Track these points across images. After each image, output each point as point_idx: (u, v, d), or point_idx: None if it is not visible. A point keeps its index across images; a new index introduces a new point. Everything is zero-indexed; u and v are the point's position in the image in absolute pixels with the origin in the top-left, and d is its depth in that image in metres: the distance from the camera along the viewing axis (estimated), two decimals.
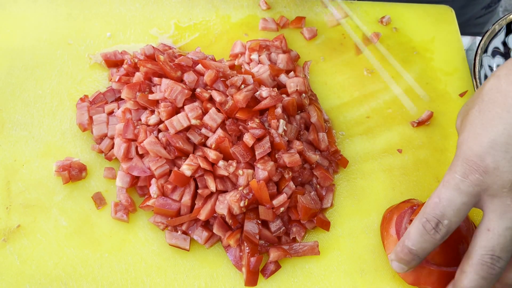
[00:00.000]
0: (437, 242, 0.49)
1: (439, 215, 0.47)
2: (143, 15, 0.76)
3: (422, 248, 0.49)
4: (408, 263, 0.51)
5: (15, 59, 0.71)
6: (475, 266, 0.46)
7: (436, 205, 0.48)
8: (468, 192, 0.47)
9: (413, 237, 0.49)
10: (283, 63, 0.69)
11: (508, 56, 0.76)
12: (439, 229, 0.48)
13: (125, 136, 0.60)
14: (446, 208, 0.47)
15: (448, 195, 0.47)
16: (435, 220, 0.48)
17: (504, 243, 0.45)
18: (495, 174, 0.46)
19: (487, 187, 0.46)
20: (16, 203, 0.61)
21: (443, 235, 0.48)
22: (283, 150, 0.59)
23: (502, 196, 0.46)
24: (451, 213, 0.47)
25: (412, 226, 0.50)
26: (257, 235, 0.57)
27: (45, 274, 0.57)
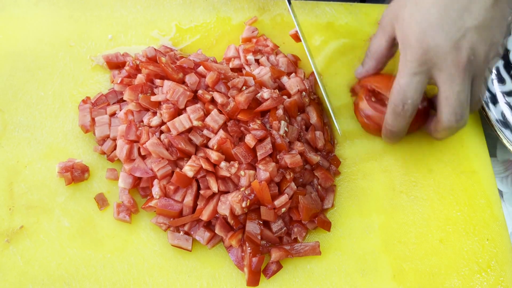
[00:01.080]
0: (408, 118, 0.59)
1: (403, 98, 0.57)
2: (145, 17, 0.76)
3: (399, 127, 0.61)
4: (394, 139, 0.64)
5: (17, 61, 0.71)
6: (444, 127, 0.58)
7: (398, 91, 0.57)
8: (419, 71, 0.56)
9: (390, 121, 0.60)
10: (284, 66, 0.70)
11: (506, 57, 0.76)
12: (406, 108, 0.58)
13: (127, 138, 0.61)
14: (406, 92, 0.57)
15: (405, 80, 0.57)
16: (401, 103, 0.58)
17: (460, 103, 0.56)
18: (436, 51, 0.54)
19: (434, 63, 0.55)
20: (19, 204, 0.61)
21: (411, 112, 0.58)
22: (285, 151, 0.60)
23: (447, 68, 0.54)
24: (412, 93, 0.57)
25: (387, 113, 0.60)
26: (258, 236, 0.58)
27: (48, 274, 0.58)
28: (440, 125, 0.59)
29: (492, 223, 0.65)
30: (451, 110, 0.56)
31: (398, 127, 0.61)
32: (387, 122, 0.61)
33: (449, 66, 0.54)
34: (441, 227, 0.64)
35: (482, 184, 0.67)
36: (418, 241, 0.63)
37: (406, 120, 0.60)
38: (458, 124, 0.57)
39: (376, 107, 0.65)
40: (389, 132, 0.62)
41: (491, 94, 0.73)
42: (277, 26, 0.78)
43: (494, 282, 0.61)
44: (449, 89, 0.55)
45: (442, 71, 0.55)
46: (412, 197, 0.66)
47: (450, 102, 0.56)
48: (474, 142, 0.70)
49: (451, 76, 0.55)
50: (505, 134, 0.69)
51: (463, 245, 0.63)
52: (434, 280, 0.61)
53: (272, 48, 0.72)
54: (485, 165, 0.69)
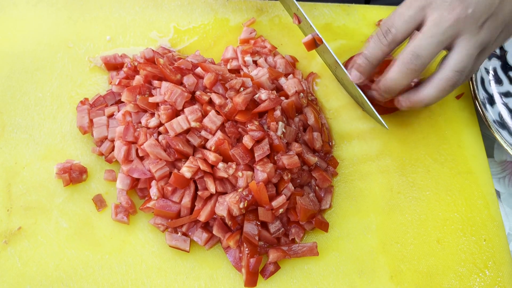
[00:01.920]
0: (385, 48, 0.60)
1: (389, 24, 0.59)
2: (143, 19, 0.76)
3: (374, 54, 0.61)
4: (363, 69, 0.63)
5: (16, 62, 0.71)
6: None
7: (388, 18, 0.60)
8: (415, 6, 0.58)
9: (369, 45, 0.62)
10: (282, 67, 0.70)
11: (504, 58, 0.77)
12: (387, 35, 0.59)
13: (125, 139, 0.61)
14: (395, 19, 0.59)
15: (400, 10, 0.59)
16: (385, 28, 0.59)
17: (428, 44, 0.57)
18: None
19: (431, 2, 0.57)
20: (17, 205, 0.61)
21: (390, 41, 0.59)
22: (282, 152, 0.60)
23: (442, 8, 0.56)
24: (399, 23, 0.58)
25: (369, 42, 0.61)
26: (256, 236, 0.58)
27: (46, 275, 0.58)
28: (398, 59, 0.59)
29: (489, 224, 0.65)
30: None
31: (373, 54, 0.61)
32: (366, 47, 0.62)
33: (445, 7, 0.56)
34: (438, 227, 0.64)
35: (479, 184, 0.68)
36: (416, 242, 0.63)
37: (382, 49, 0.60)
38: (457, 81, 0.58)
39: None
40: (363, 58, 0.62)
41: (488, 95, 0.74)
42: (275, 28, 0.78)
43: (491, 282, 0.61)
44: (429, 28, 0.57)
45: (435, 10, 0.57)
46: (409, 198, 0.66)
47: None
48: (471, 143, 0.71)
49: (440, 17, 0.56)
50: (502, 135, 0.69)
51: (460, 246, 0.63)
52: (431, 280, 0.61)
53: (270, 49, 0.73)
54: (482, 166, 0.69)
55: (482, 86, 0.74)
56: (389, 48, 0.60)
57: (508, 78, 0.76)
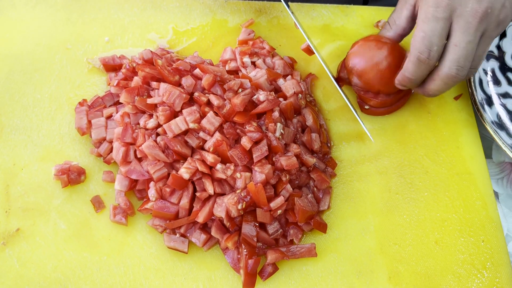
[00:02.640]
0: (431, 66, 0.60)
1: (428, 45, 0.58)
2: (141, 20, 0.76)
3: (420, 75, 0.61)
4: (410, 86, 0.64)
5: (14, 64, 0.71)
6: (444, 75, 0.59)
7: (423, 38, 0.58)
8: (443, 17, 0.57)
9: (411, 69, 0.60)
10: (281, 68, 0.70)
11: (502, 59, 0.77)
12: (431, 56, 0.58)
13: (123, 140, 0.61)
14: (432, 38, 0.58)
15: (430, 26, 0.58)
16: (427, 51, 0.58)
17: (466, 53, 0.57)
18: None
19: (455, 8, 0.57)
20: (15, 206, 0.61)
21: (435, 60, 0.59)
22: (280, 153, 0.60)
23: (465, 14, 0.57)
24: (437, 40, 0.58)
25: (408, 62, 0.60)
26: (254, 238, 0.58)
27: (44, 277, 0.58)
28: (439, 73, 0.59)
29: (487, 225, 0.65)
30: (456, 58, 0.58)
31: (419, 75, 0.61)
32: (407, 71, 0.61)
33: (468, 13, 0.57)
34: (436, 228, 0.64)
35: (478, 185, 0.68)
36: (414, 243, 0.63)
37: (429, 68, 0.60)
38: (457, 75, 0.58)
39: None
40: (407, 80, 0.62)
41: (487, 96, 0.74)
42: (273, 29, 0.78)
43: (489, 283, 0.61)
44: (460, 36, 0.57)
45: (461, 17, 0.57)
46: (407, 199, 0.66)
47: (458, 49, 0.57)
48: (469, 144, 0.71)
49: (467, 24, 0.57)
50: (501, 136, 0.69)
51: (458, 247, 0.63)
52: (429, 281, 0.61)
53: (269, 51, 0.73)
54: (480, 167, 0.69)
55: (480, 87, 0.74)
56: (433, 67, 0.61)
57: (506, 79, 0.76)
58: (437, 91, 0.62)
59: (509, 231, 0.67)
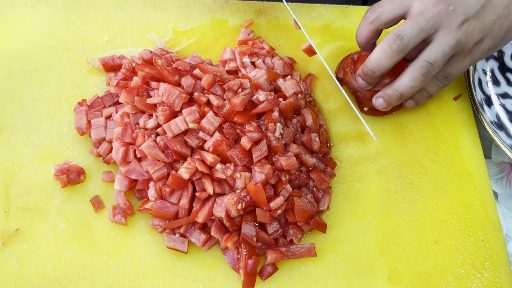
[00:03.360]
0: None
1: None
2: (141, 20, 0.76)
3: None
4: (368, 79, 0.65)
5: (14, 64, 0.71)
6: (416, 67, 0.61)
7: (397, 29, 0.60)
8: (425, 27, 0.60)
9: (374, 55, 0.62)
10: (280, 68, 0.70)
11: (501, 59, 0.77)
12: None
13: (123, 140, 0.61)
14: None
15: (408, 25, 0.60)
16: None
17: (442, 56, 0.60)
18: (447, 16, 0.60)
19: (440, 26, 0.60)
20: (14, 206, 0.61)
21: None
22: (280, 153, 0.60)
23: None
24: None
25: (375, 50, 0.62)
26: (254, 238, 0.58)
27: (43, 277, 0.58)
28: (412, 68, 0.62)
29: (487, 225, 0.65)
30: (431, 59, 0.60)
31: (379, 64, 0.62)
32: (370, 59, 0.62)
33: (449, 34, 0.60)
34: (436, 228, 0.64)
35: (477, 185, 0.68)
36: (413, 243, 0.63)
37: (392, 59, 0.61)
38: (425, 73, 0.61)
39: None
40: (367, 70, 0.63)
41: (486, 96, 0.74)
42: (273, 29, 0.78)
43: (489, 283, 0.61)
44: (440, 46, 0.60)
45: (441, 33, 0.60)
46: (407, 199, 0.66)
47: (434, 53, 0.60)
48: (469, 144, 0.71)
49: (447, 40, 0.60)
50: (500, 136, 0.69)
51: (458, 247, 0.63)
52: (429, 281, 0.61)
53: (268, 51, 0.73)
54: (480, 167, 0.69)
55: (479, 87, 0.74)
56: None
57: (505, 79, 0.76)
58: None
59: (508, 231, 0.68)
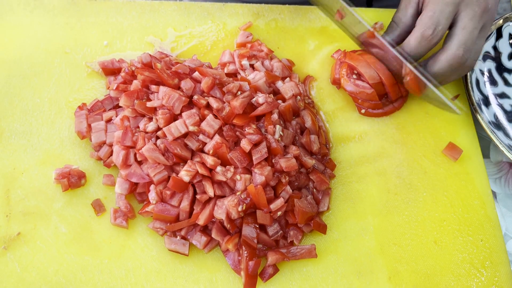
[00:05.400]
0: (432, 45, 0.63)
1: (435, 23, 0.62)
2: (140, 23, 0.77)
3: (420, 52, 0.64)
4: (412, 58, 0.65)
5: (13, 68, 0.71)
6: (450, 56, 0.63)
7: (431, 17, 0.62)
8: (452, 2, 0.62)
9: (413, 44, 0.63)
10: (279, 71, 0.70)
11: (498, 60, 0.77)
12: (435, 34, 0.63)
13: (123, 143, 0.61)
14: (439, 17, 0.62)
15: (440, 7, 0.62)
16: (433, 27, 0.62)
17: (471, 38, 0.62)
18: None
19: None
20: (16, 211, 0.62)
21: (438, 39, 0.63)
22: (280, 155, 0.60)
23: (473, 4, 0.63)
24: (444, 20, 0.62)
25: (411, 37, 0.64)
26: (255, 239, 0.58)
27: (45, 281, 0.58)
28: (447, 53, 0.63)
29: (486, 224, 0.65)
30: (463, 40, 0.62)
31: (419, 52, 0.64)
32: (408, 46, 0.64)
33: (475, 3, 0.63)
34: (435, 228, 0.65)
35: (476, 185, 0.68)
36: (413, 243, 0.63)
37: (429, 47, 0.63)
38: (463, 56, 0.62)
39: (357, 83, 0.70)
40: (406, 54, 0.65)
41: (483, 96, 0.74)
42: (271, 31, 0.78)
43: (488, 282, 0.61)
44: (468, 23, 0.62)
45: (468, 6, 0.63)
46: (406, 199, 0.66)
47: (466, 32, 0.62)
48: (467, 144, 0.71)
49: (474, 12, 0.62)
50: (498, 136, 0.69)
51: (457, 246, 0.64)
52: (429, 281, 0.61)
53: (267, 53, 0.73)
54: (478, 167, 0.70)
55: (477, 88, 0.74)
56: (434, 46, 0.64)
57: (503, 79, 0.76)
58: (440, 74, 0.64)
59: (507, 230, 0.68)
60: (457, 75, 0.66)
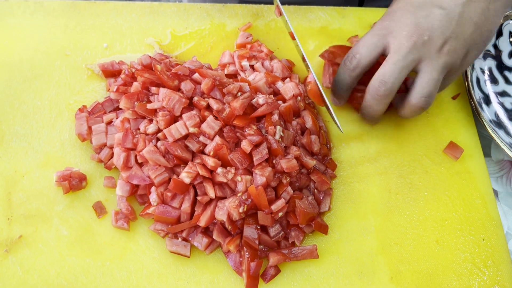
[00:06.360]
0: (351, 73, 0.64)
1: (354, 51, 0.64)
2: (139, 25, 0.77)
3: (343, 79, 0.65)
4: (338, 95, 0.68)
5: (14, 71, 0.71)
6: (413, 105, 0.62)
7: (355, 45, 0.64)
8: (378, 34, 0.63)
9: (338, 71, 0.66)
10: (279, 71, 0.70)
11: (499, 58, 0.77)
12: (352, 61, 0.63)
13: (124, 145, 0.61)
14: (359, 46, 0.63)
15: (364, 38, 0.64)
16: (351, 55, 0.64)
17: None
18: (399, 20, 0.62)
19: (392, 30, 0.62)
20: (17, 213, 0.62)
21: (354, 66, 0.63)
22: (281, 155, 0.60)
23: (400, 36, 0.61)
24: (363, 50, 0.63)
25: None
26: (256, 240, 0.58)
27: (47, 283, 0.58)
28: (408, 103, 0.63)
29: (487, 223, 0.65)
30: (381, 72, 0.61)
31: (339, 78, 0.66)
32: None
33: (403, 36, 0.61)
34: (437, 228, 0.64)
35: (477, 184, 0.68)
36: (415, 243, 0.63)
37: (349, 74, 0.64)
38: (425, 105, 0.62)
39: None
40: (333, 81, 0.67)
41: (484, 95, 0.74)
42: (271, 32, 0.78)
43: (490, 281, 0.61)
44: (391, 55, 0.61)
45: (396, 39, 0.61)
46: (407, 199, 0.66)
47: (385, 65, 0.61)
48: (468, 143, 0.71)
49: (400, 45, 0.61)
50: (499, 134, 0.69)
51: (459, 246, 0.63)
52: (431, 281, 0.61)
53: (267, 54, 0.73)
54: (479, 166, 0.69)
55: (478, 86, 0.74)
56: (355, 73, 0.64)
57: (503, 78, 0.76)
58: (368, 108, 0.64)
59: (509, 229, 0.68)
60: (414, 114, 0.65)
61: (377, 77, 0.61)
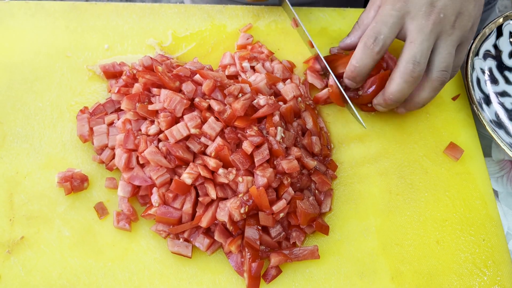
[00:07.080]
0: (375, 55, 0.63)
1: (376, 32, 0.62)
2: (140, 26, 0.77)
3: (364, 63, 0.63)
4: (355, 78, 0.66)
5: (15, 73, 0.72)
6: (401, 72, 0.61)
7: (373, 27, 0.63)
8: (396, 15, 0.62)
9: (357, 55, 0.64)
10: (280, 72, 0.71)
11: (499, 58, 0.77)
12: (376, 42, 0.62)
13: (125, 146, 0.61)
14: (381, 27, 0.62)
15: (382, 18, 0.63)
16: (373, 36, 0.62)
17: (421, 50, 0.61)
18: (413, 1, 0.62)
19: (409, 10, 0.62)
20: (19, 215, 0.62)
21: (380, 48, 0.62)
22: (282, 156, 0.60)
23: (419, 17, 0.62)
24: (385, 30, 0.62)
25: (356, 49, 0.64)
26: (257, 241, 0.58)
27: (49, 284, 0.58)
28: (398, 69, 0.62)
29: (487, 223, 0.65)
30: (412, 54, 0.61)
31: (364, 63, 0.63)
32: (354, 58, 0.64)
33: (421, 16, 0.62)
34: (437, 228, 0.65)
35: (477, 184, 0.68)
36: (415, 243, 0.64)
37: (373, 57, 0.63)
38: (413, 70, 0.61)
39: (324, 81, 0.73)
40: (353, 67, 0.64)
41: (484, 95, 0.74)
42: (271, 33, 0.78)
43: (491, 281, 0.62)
44: (416, 36, 0.61)
45: (414, 19, 0.62)
46: (408, 199, 0.66)
47: (412, 46, 0.61)
48: (468, 144, 0.71)
49: (421, 25, 0.61)
50: (499, 134, 0.70)
51: (459, 246, 0.64)
52: (431, 281, 0.61)
53: (267, 55, 0.73)
54: (479, 166, 0.70)
55: (478, 86, 0.75)
56: (379, 55, 0.63)
57: (503, 78, 0.77)
58: (398, 92, 0.63)
59: (509, 229, 0.68)
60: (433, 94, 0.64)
61: (408, 58, 0.61)
